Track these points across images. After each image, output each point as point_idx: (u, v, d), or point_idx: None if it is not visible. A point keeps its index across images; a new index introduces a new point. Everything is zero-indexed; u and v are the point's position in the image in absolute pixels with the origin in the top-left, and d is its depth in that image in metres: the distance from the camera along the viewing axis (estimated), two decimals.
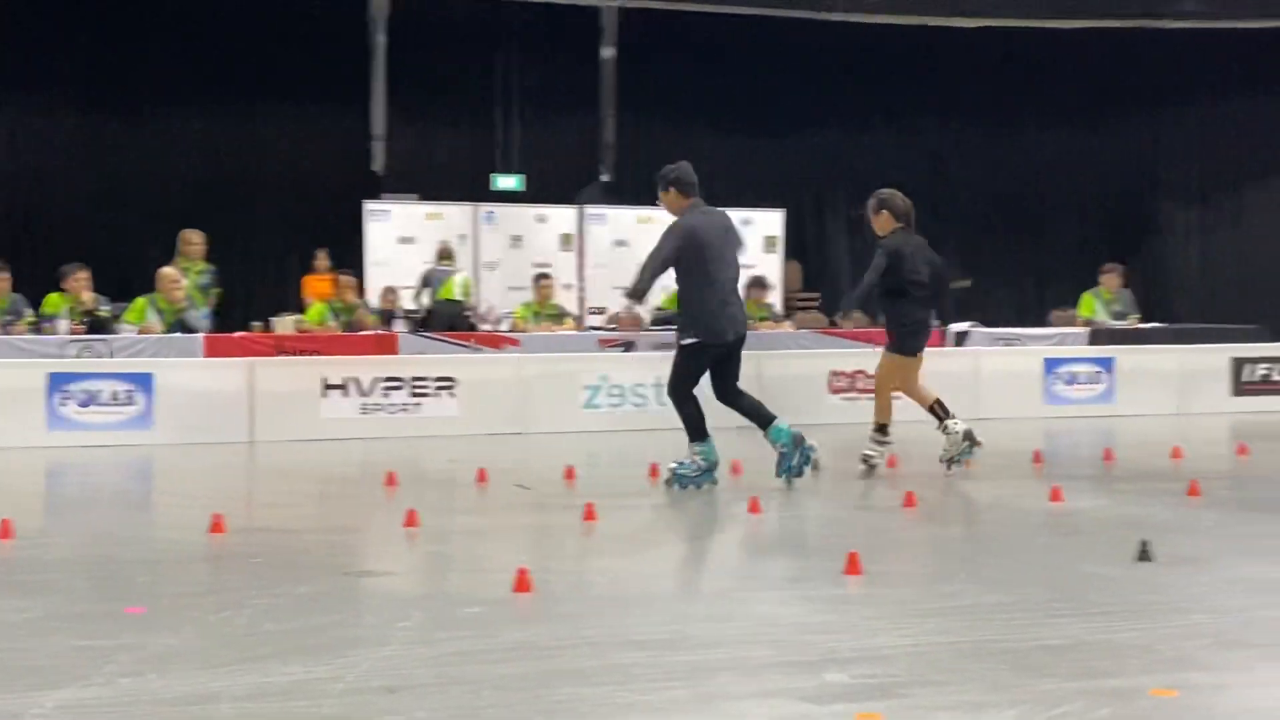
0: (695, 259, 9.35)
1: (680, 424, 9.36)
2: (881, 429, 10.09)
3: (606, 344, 14.81)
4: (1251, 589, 5.81)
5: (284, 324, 15.94)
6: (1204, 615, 5.26)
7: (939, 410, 9.93)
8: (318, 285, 17.61)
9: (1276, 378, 15.56)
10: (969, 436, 9.79)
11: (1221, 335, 16.55)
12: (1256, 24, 23.43)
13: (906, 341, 10.05)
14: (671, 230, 9.49)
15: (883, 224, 10.13)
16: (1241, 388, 15.33)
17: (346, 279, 15.33)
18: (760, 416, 9.45)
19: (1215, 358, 15.44)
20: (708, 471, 9.27)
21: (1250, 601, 5.54)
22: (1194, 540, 7.02)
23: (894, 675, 4.43)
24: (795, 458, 9.26)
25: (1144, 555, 6.28)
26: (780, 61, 23.06)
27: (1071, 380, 14.92)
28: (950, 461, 9.82)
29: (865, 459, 9.99)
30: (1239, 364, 15.41)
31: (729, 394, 9.53)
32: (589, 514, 7.70)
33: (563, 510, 8.25)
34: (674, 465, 9.30)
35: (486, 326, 15.26)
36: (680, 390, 9.39)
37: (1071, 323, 16.98)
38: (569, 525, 7.69)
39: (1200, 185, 25.16)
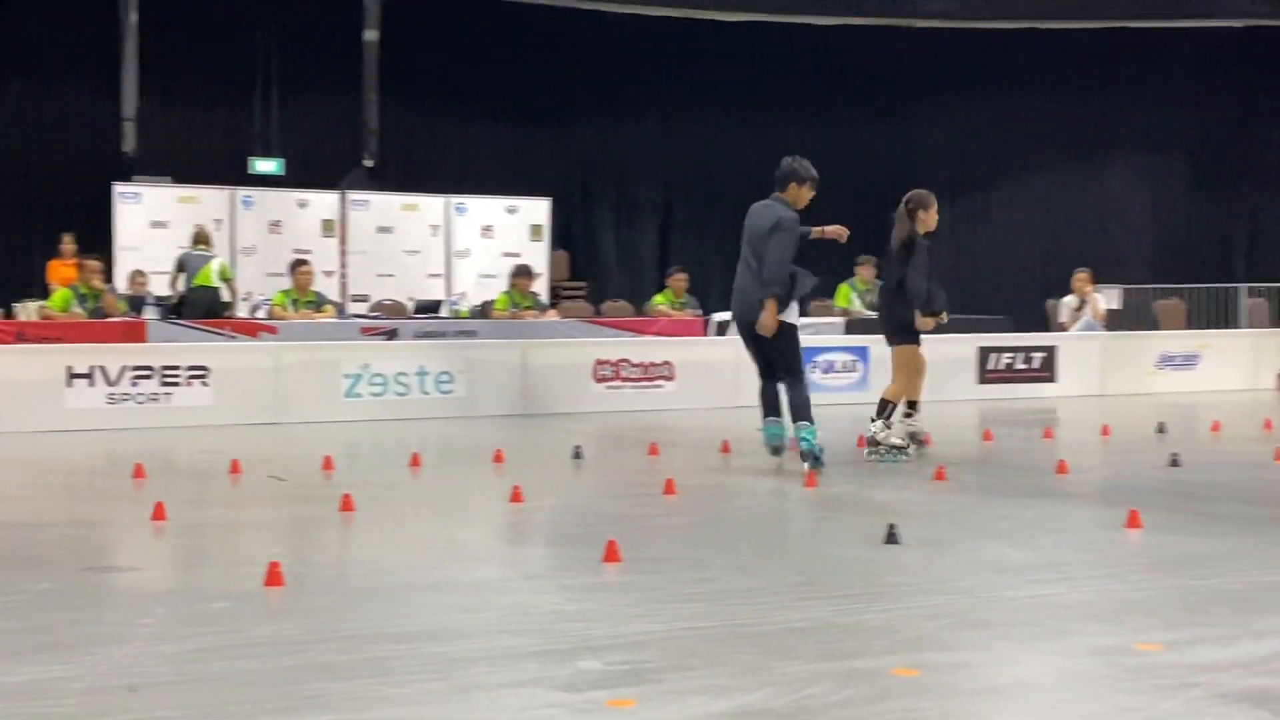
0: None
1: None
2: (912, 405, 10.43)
3: (369, 332, 14.61)
4: (991, 570, 6.03)
5: (26, 310, 15.28)
6: (946, 596, 5.44)
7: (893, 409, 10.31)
8: (63, 270, 16.93)
9: (1020, 366, 16.22)
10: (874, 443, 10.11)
11: (969, 326, 17.16)
12: (1005, 25, 24.38)
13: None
14: None
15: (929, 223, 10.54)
16: (987, 376, 15.93)
17: (93, 263, 14.74)
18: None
19: (963, 347, 16.00)
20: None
21: (990, 582, 5.75)
22: (939, 523, 7.26)
23: (647, 661, 4.45)
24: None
25: (891, 538, 6.46)
26: (547, 50, 23.08)
27: (828, 369, 15.29)
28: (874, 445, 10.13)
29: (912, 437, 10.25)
30: (985, 353, 16.01)
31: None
32: (346, 505, 7.58)
33: (319, 501, 8.09)
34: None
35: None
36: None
37: (828, 313, 17.40)
38: (325, 517, 7.55)
39: (952, 181, 26.04)
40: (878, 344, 15.45)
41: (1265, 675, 4.22)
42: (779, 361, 9.51)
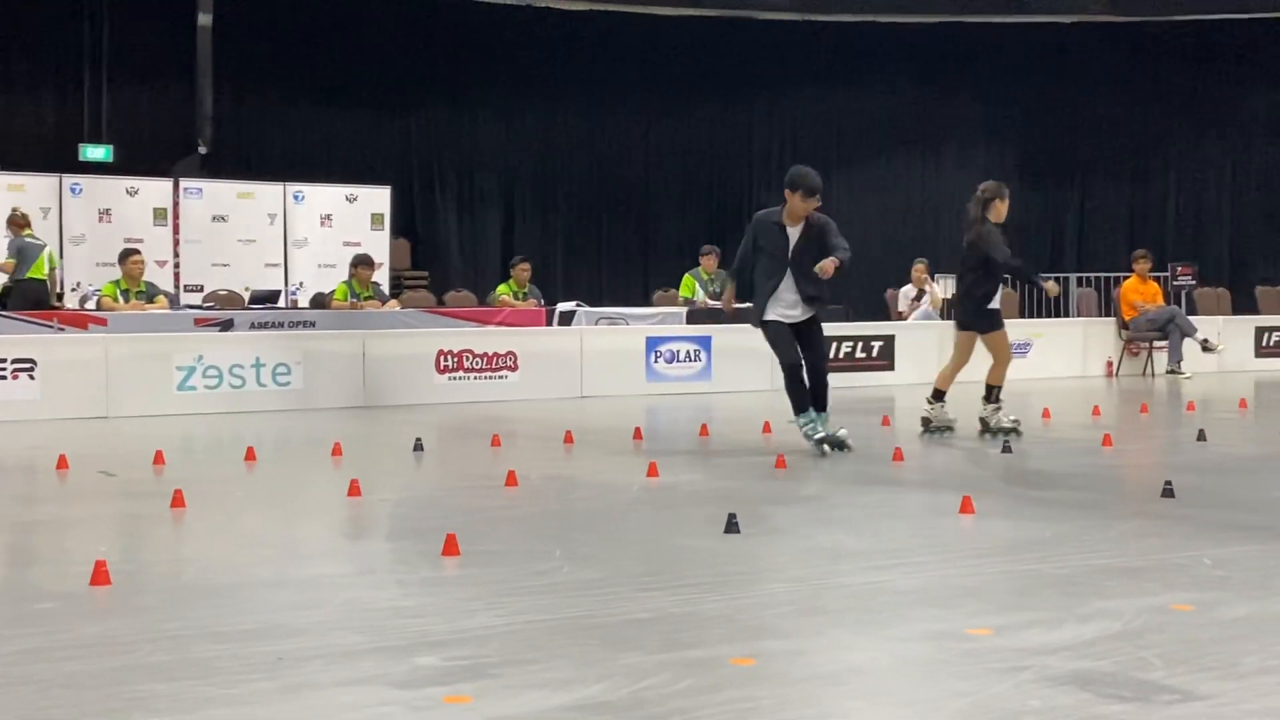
0: None
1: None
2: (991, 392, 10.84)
3: (203, 323, 14.29)
4: (828, 557, 6.10)
5: None
6: (784, 584, 5.48)
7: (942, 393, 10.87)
8: None
9: (859, 355, 16.47)
10: (950, 426, 10.83)
11: None
12: (844, 18, 24.72)
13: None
14: None
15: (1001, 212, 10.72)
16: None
17: None
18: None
19: None
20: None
21: (826, 569, 5.81)
22: (779, 511, 7.32)
23: (486, 656, 4.41)
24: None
25: (731, 527, 6.49)
26: (388, 35, 22.83)
27: (672, 358, 15.35)
28: (930, 428, 10.85)
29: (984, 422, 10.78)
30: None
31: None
32: (178, 501, 7.39)
33: (150, 498, 7.89)
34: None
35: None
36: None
37: (673, 303, 17.48)
38: (156, 513, 7.36)
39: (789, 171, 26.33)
40: (720, 333, 15.63)
41: (1090, 658, 4.32)
42: None
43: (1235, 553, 6.06)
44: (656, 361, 15.28)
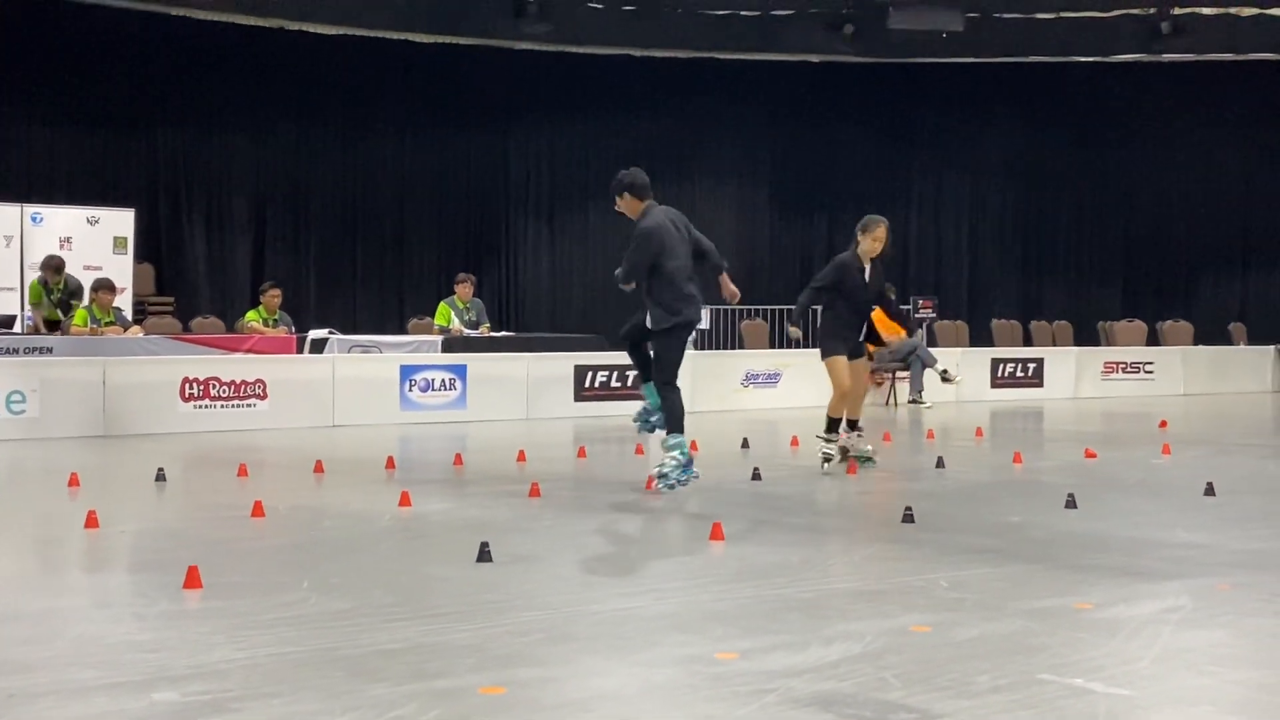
0: (657, 257, 9.30)
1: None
2: (834, 426, 10.87)
3: None
4: (579, 585, 6.12)
5: None
6: (535, 612, 5.47)
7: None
8: None
9: (615, 384, 16.58)
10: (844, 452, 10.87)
11: (565, 344, 17.46)
12: (601, 50, 25.00)
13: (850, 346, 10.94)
14: (640, 235, 9.34)
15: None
16: (583, 393, 16.22)
17: None
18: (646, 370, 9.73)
19: (560, 365, 16.25)
20: (688, 466, 9.28)
21: (577, 596, 5.83)
22: (532, 539, 7.31)
23: (228, 690, 4.28)
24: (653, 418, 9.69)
25: (483, 556, 6.46)
26: (131, 54, 22.18)
27: (426, 387, 15.22)
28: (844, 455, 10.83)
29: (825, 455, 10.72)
30: (581, 371, 16.30)
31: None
32: None
33: None
34: (658, 470, 9.27)
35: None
36: (670, 375, 9.41)
37: (428, 331, 17.34)
38: None
39: (550, 202, 26.49)
40: (476, 361, 15.59)
41: (833, 680, 4.43)
42: None
43: (970, 575, 6.29)
44: (411, 390, 15.13)
